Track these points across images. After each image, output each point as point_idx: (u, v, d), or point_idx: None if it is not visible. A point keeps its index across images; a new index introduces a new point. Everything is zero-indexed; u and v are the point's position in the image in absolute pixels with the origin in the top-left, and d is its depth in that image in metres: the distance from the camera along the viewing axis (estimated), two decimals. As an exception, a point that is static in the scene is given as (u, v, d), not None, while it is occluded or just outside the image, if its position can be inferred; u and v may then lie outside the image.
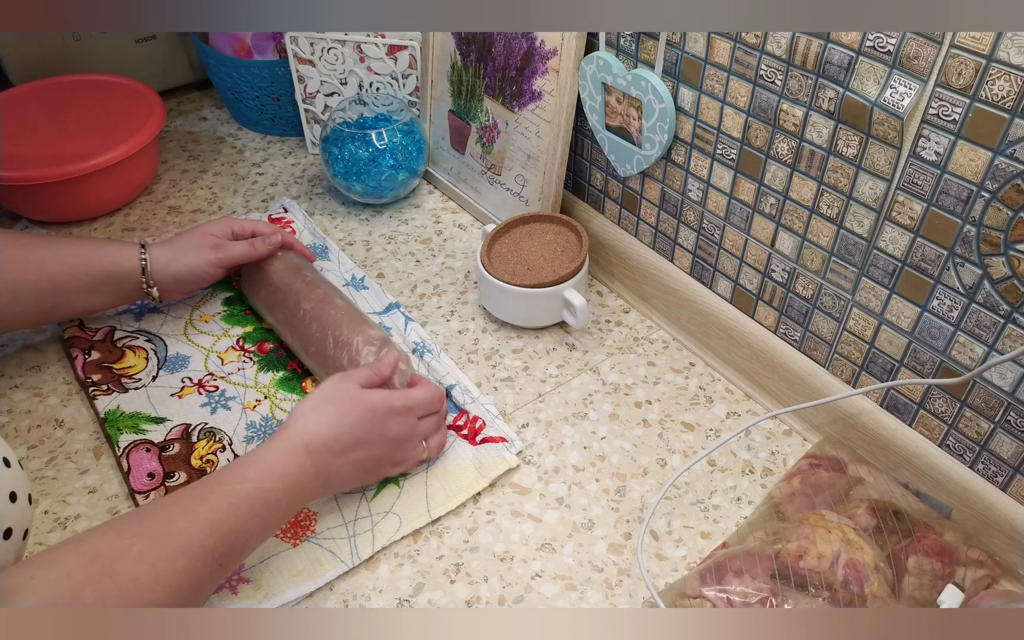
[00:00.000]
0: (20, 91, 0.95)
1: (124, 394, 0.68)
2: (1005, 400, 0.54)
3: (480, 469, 0.63)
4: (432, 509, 0.60)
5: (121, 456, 0.63)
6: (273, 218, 0.89)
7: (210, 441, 0.64)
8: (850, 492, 0.58)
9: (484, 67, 0.85)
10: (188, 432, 0.65)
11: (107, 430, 0.65)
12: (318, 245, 0.86)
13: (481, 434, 0.65)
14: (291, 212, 0.90)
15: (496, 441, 0.64)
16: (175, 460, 0.63)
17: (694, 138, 0.68)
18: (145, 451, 0.63)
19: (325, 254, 0.85)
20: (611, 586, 0.57)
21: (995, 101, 0.47)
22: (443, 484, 0.62)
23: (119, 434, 0.64)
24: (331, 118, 0.90)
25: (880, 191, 0.55)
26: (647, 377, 0.73)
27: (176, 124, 1.10)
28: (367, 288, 0.80)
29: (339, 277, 0.81)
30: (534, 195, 0.84)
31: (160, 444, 0.64)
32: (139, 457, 0.63)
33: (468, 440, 0.65)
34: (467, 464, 0.63)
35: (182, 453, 0.63)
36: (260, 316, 0.76)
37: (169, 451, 0.63)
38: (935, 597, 0.51)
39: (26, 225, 0.90)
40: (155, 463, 0.62)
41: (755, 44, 0.59)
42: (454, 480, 0.62)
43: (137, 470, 0.62)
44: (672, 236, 0.76)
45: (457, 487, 0.61)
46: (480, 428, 0.65)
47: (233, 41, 0.99)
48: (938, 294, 0.55)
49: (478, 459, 0.63)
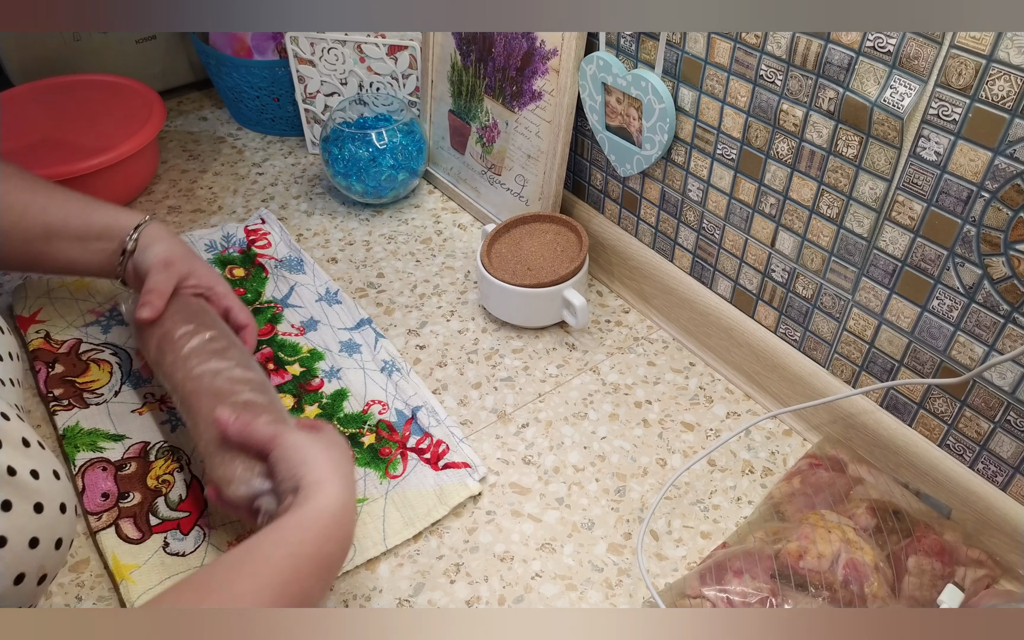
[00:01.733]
0: (20, 91, 0.95)
1: (84, 409, 0.66)
2: (1005, 400, 0.54)
3: (440, 496, 0.61)
4: (388, 537, 0.58)
5: (77, 475, 0.61)
6: (249, 230, 0.87)
7: (168, 460, 0.63)
8: (850, 492, 0.58)
9: (484, 67, 0.85)
10: (146, 450, 0.64)
11: (64, 447, 0.63)
12: (293, 258, 0.84)
13: (444, 459, 0.63)
14: (268, 223, 0.89)
15: (459, 467, 0.63)
16: (130, 480, 0.61)
17: (694, 138, 0.68)
18: (101, 470, 0.62)
19: (300, 267, 0.83)
20: (611, 586, 0.57)
21: (995, 101, 0.47)
22: (401, 511, 0.60)
23: (76, 452, 0.63)
24: (331, 118, 0.90)
25: (880, 191, 0.55)
26: (647, 377, 0.73)
27: (176, 124, 1.10)
28: (340, 302, 0.79)
29: (313, 291, 0.80)
30: (534, 195, 0.84)
31: (117, 463, 0.62)
32: (94, 476, 0.61)
33: (430, 465, 0.63)
34: (428, 490, 0.61)
35: (138, 472, 0.62)
36: None
37: (125, 470, 0.62)
38: (935, 597, 0.51)
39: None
40: (110, 483, 0.61)
41: (755, 44, 0.59)
42: (412, 507, 0.60)
43: (92, 490, 0.60)
44: (672, 236, 0.76)
45: (415, 515, 0.60)
46: (443, 453, 0.64)
47: (233, 41, 0.99)
48: (938, 294, 0.55)
49: (439, 485, 0.62)
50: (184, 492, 0.61)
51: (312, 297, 0.80)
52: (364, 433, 0.66)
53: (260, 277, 0.82)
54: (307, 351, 0.74)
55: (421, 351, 0.75)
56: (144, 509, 0.59)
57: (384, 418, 0.67)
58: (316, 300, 0.79)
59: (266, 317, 0.77)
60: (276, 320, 0.77)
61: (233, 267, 0.83)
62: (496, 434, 0.67)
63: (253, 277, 0.82)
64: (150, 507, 0.59)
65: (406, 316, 0.79)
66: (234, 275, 0.82)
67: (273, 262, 0.84)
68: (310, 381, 0.71)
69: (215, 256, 0.84)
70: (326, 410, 0.68)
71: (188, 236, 0.86)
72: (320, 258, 0.86)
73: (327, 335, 0.75)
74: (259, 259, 0.84)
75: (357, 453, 0.64)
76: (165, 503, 0.60)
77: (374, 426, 0.67)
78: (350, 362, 0.73)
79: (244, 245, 0.86)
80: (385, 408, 0.68)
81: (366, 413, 0.68)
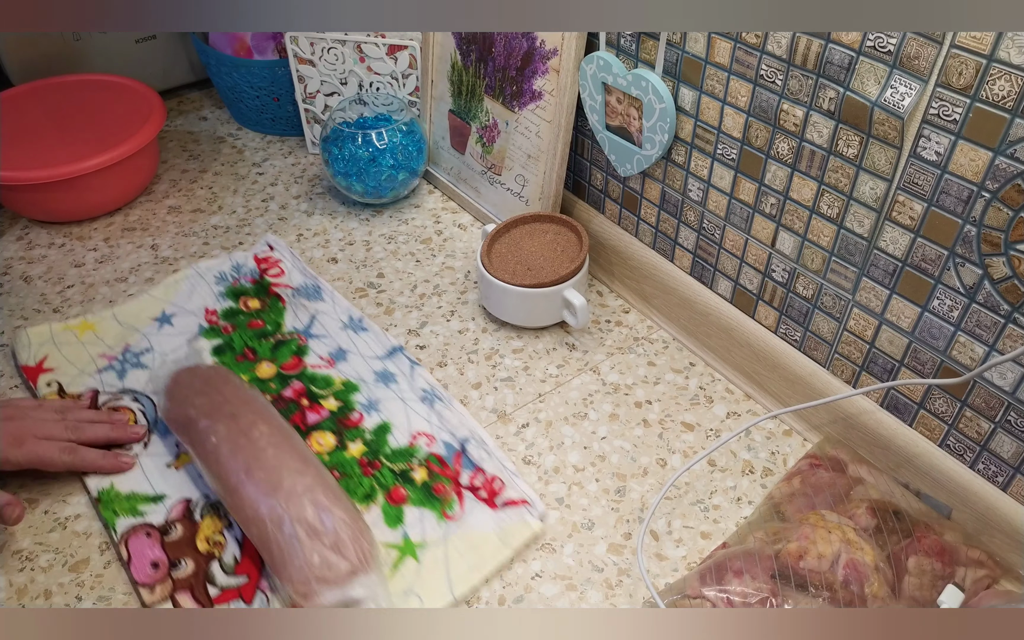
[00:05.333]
0: (20, 91, 0.95)
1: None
2: (1005, 400, 0.54)
3: (503, 537, 0.58)
4: (454, 585, 0.55)
5: (120, 543, 0.57)
6: (259, 258, 0.84)
7: (215, 518, 0.59)
8: (850, 492, 0.58)
9: (484, 67, 0.85)
10: (190, 509, 0.59)
11: (101, 512, 0.59)
12: (309, 285, 0.80)
13: (500, 496, 0.61)
14: (277, 249, 0.85)
15: (517, 504, 0.60)
16: (179, 545, 0.57)
17: (694, 138, 0.68)
18: (145, 535, 0.58)
19: (318, 295, 0.79)
20: (611, 586, 0.57)
21: (995, 101, 0.47)
22: (464, 556, 0.57)
23: (115, 517, 0.59)
24: (331, 118, 0.90)
25: (880, 191, 0.55)
26: (647, 377, 0.73)
27: (176, 124, 1.10)
28: (366, 329, 0.76)
29: (335, 319, 0.77)
30: (534, 195, 0.84)
31: (161, 527, 0.58)
32: (139, 543, 0.57)
33: (487, 504, 0.60)
34: (488, 532, 0.58)
35: (186, 536, 0.58)
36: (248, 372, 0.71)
37: (171, 534, 0.58)
38: (935, 597, 0.51)
39: (26, 225, 0.90)
40: (158, 550, 0.57)
41: (755, 44, 0.59)
42: (476, 550, 0.57)
43: (139, 560, 0.56)
44: (672, 236, 0.76)
45: (480, 558, 0.57)
46: (499, 490, 0.61)
47: (233, 41, 0.99)
48: (938, 294, 0.55)
49: (500, 526, 0.58)
50: (238, 552, 0.57)
51: (336, 325, 0.76)
52: (414, 468, 0.63)
53: (277, 307, 0.78)
54: (340, 383, 0.70)
55: (421, 351, 0.75)
56: (200, 578, 0.55)
57: (433, 451, 0.64)
58: (341, 328, 0.76)
59: (291, 350, 0.73)
60: (302, 352, 0.73)
61: (247, 298, 0.79)
62: (496, 434, 0.67)
63: (270, 308, 0.78)
64: (206, 575, 0.55)
65: (406, 316, 0.79)
66: (249, 307, 0.78)
67: (289, 291, 0.80)
68: (348, 415, 0.67)
69: (226, 288, 0.80)
70: (371, 446, 0.65)
71: (196, 269, 0.82)
72: (320, 258, 0.86)
73: (359, 365, 0.72)
74: (274, 289, 0.80)
75: (410, 490, 0.61)
76: (220, 568, 0.56)
77: (423, 460, 0.64)
78: (387, 393, 0.69)
79: (256, 275, 0.82)
80: (432, 440, 0.65)
81: (413, 446, 0.65)
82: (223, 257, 0.84)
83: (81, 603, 0.55)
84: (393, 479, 0.62)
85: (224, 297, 0.79)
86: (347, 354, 0.73)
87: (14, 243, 0.88)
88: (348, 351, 0.74)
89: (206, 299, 0.79)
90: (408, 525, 0.59)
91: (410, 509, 0.60)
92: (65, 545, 0.58)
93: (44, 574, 0.56)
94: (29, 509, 0.61)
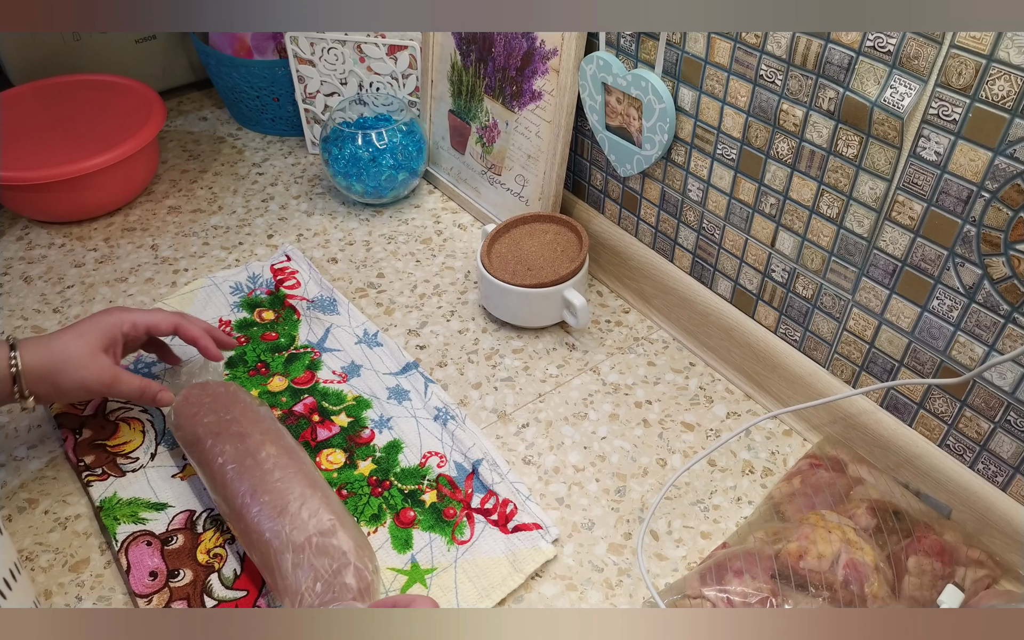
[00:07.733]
0: (20, 91, 0.95)
1: (121, 477, 0.62)
2: (1005, 400, 0.54)
3: (514, 562, 0.57)
4: None
5: (120, 551, 0.57)
6: (276, 268, 0.83)
7: (217, 531, 0.58)
8: (850, 492, 0.58)
9: (484, 67, 0.85)
10: (193, 520, 0.59)
11: (102, 520, 0.59)
12: (325, 297, 0.79)
13: (512, 520, 0.59)
14: (294, 260, 0.84)
15: (529, 528, 0.59)
16: (179, 555, 0.57)
17: (694, 138, 0.68)
18: (146, 545, 0.57)
19: (334, 307, 0.78)
20: (611, 586, 0.57)
21: (995, 101, 0.47)
22: (474, 582, 0.56)
23: (116, 524, 0.58)
24: (331, 118, 0.90)
25: (880, 191, 0.55)
26: (647, 377, 0.73)
27: (176, 124, 1.10)
28: (381, 345, 0.74)
29: (351, 333, 0.76)
30: (534, 195, 0.84)
31: (162, 536, 0.58)
32: (139, 553, 0.57)
33: (499, 528, 0.59)
34: (499, 556, 0.57)
35: (187, 546, 0.57)
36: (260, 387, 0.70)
37: (172, 544, 0.57)
38: (935, 597, 0.51)
39: (26, 225, 0.90)
40: (157, 559, 0.56)
41: (755, 44, 0.59)
42: (486, 576, 0.56)
43: (137, 568, 0.56)
44: (672, 236, 0.76)
45: (490, 584, 0.56)
46: (511, 514, 0.60)
47: (233, 41, 0.99)
48: (938, 294, 0.55)
49: (511, 551, 0.57)
50: (239, 567, 0.56)
51: (351, 340, 0.75)
52: (424, 489, 0.62)
53: (292, 319, 0.77)
54: (352, 399, 0.69)
55: (421, 351, 0.75)
56: (198, 589, 0.55)
57: (443, 472, 0.63)
58: (355, 343, 0.75)
59: (304, 364, 0.73)
60: (315, 367, 0.72)
61: (262, 310, 0.78)
62: (496, 434, 0.67)
63: (284, 320, 0.77)
64: (204, 587, 0.55)
65: (406, 316, 0.79)
66: (263, 318, 0.77)
67: (305, 303, 0.79)
68: (359, 432, 0.66)
69: (241, 299, 0.79)
70: (381, 465, 0.64)
71: (212, 279, 0.82)
72: (320, 258, 0.86)
73: (372, 381, 0.71)
74: (289, 300, 0.79)
75: (419, 513, 0.60)
76: (219, 581, 0.56)
77: (434, 481, 0.62)
78: (400, 410, 0.68)
79: (272, 286, 0.81)
80: (443, 461, 0.64)
81: (424, 466, 0.64)
82: (241, 268, 0.84)
83: (81, 603, 0.55)
84: (402, 500, 0.61)
85: (239, 308, 0.78)
86: (360, 369, 0.72)
87: (14, 243, 0.88)
88: (362, 366, 0.73)
89: (220, 310, 0.78)
90: (416, 550, 0.58)
91: (419, 533, 0.59)
92: (65, 545, 0.58)
93: (44, 574, 0.57)
94: (29, 509, 0.61)
